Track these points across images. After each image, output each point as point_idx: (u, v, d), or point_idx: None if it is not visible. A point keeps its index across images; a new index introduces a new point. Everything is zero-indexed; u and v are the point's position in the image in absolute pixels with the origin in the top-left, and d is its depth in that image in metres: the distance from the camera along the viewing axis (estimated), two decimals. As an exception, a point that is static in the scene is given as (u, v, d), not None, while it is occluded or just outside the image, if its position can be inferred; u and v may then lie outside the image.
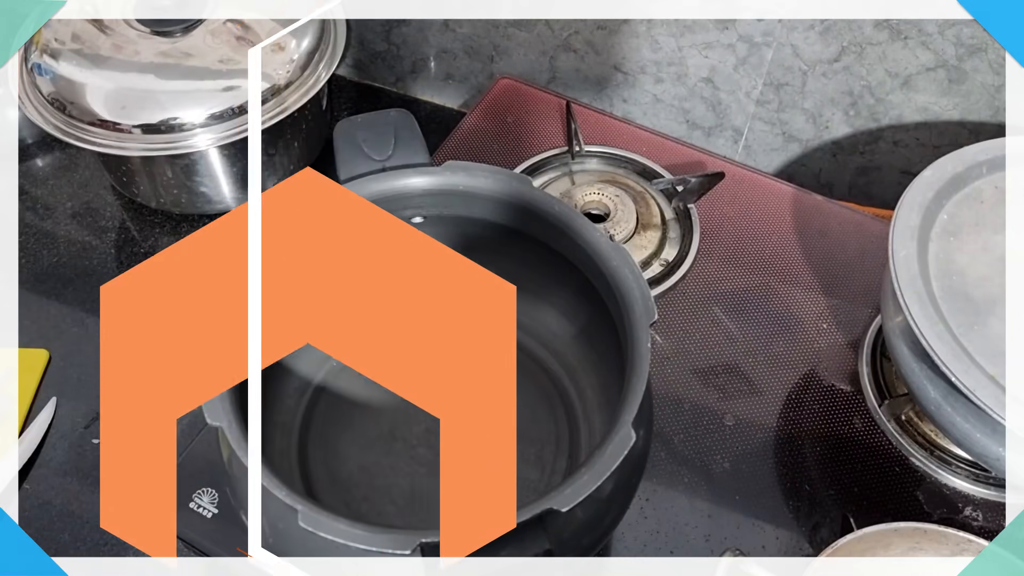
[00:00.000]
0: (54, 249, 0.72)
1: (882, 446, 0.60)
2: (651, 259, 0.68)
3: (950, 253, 0.54)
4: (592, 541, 0.45)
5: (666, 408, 0.61)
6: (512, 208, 0.52)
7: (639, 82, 0.77)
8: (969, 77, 0.66)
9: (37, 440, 0.61)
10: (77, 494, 0.59)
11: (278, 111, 0.67)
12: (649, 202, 0.70)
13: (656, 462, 0.59)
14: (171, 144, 0.65)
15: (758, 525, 0.56)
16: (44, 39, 0.67)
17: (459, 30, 0.80)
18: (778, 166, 0.79)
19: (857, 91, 0.71)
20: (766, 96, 0.74)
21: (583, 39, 0.76)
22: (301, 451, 0.55)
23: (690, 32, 0.71)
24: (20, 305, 0.68)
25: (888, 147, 0.74)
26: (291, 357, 0.57)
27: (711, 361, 0.63)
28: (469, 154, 0.75)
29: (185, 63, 0.66)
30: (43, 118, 0.66)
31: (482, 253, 0.58)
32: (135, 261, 0.72)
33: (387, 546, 0.37)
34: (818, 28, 0.68)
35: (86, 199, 0.76)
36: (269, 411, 0.55)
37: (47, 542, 0.57)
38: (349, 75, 0.88)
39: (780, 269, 0.69)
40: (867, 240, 0.70)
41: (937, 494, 0.58)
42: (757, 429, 0.60)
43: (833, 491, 0.58)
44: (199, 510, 0.54)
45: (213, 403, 0.42)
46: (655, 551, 0.55)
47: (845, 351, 0.64)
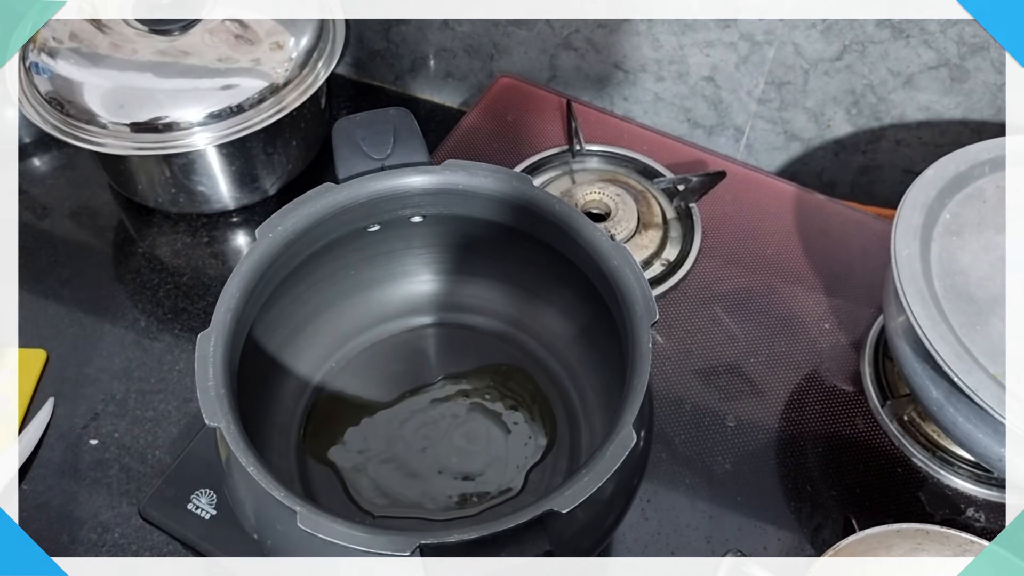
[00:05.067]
0: (52, 249, 0.72)
1: (884, 447, 0.60)
2: (652, 259, 0.68)
3: (952, 252, 0.54)
4: (593, 542, 0.45)
5: (667, 409, 0.61)
6: (512, 207, 0.52)
7: (640, 80, 0.77)
8: (971, 76, 0.66)
9: (35, 440, 0.61)
10: (75, 494, 0.59)
11: (277, 110, 0.67)
12: (650, 201, 0.70)
13: (657, 463, 0.58)
14: (169, 143, 0.64)
15: (760, 526, 0.56)
16: (42, 38, 0.66)
17: (459, 28, 0.79)
18: (780, 165, 0.79)
19: (859, 90, 0.70)
20: (768, 95, 0.74)
21: (584, 37, 0.75)
22: (300, 451, 0.55)
23: (691, 30, 0.71)
24: (18, 305, 0.68)
25: (890, 146, 0.73)
26: (291, 357, 0.57)
27: (712, 361, 0.63)
28: (469, 153, 0.74)
29: (183, 62, 0.65)
30: (41, 117, 0.66)
31: (482, 253, 0.58)
32: (133, 261, 0.72)
33: (386, 548, 0.37)
34: (820, 27, 0.67)
35: (84, 198, 0.76)
36: (268, 411, 0.55)
37: (46, 542, 0.57)
38: (348, 74, 0.88)
39: (782, 269, 0.68)
40: (869, 239, 0.70)
41: (939, 495, 0.58)
42: (759, 430, 0.60)
43: (835, 492, 0.58)
44: (197, 511, 0.53)
45: (211, 404, 0.41)
46: (656, 552, 0.55)
47: (847, 351, 0.64)
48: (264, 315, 0.51)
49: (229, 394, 0.43)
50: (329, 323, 0.59)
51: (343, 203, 0.50)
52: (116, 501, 0.59)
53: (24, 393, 0.63)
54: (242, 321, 0.46)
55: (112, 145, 0.64)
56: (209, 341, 0.44)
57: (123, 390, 0.64)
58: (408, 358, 0.60)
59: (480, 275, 0.60)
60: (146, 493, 0.55)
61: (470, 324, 0.61)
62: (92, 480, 0.59)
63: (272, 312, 0.52)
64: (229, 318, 0.45)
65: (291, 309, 0.55)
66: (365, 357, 0.60)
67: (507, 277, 0.60)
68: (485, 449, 0.55)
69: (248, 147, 0.69)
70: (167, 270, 0.71)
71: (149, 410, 0.63)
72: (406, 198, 0.52)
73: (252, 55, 0.67)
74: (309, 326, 0.58)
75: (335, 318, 0.59)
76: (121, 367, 0.65)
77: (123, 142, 0.64)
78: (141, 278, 0.71)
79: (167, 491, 0.54)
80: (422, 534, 0.38)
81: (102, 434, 0.62)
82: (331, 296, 0.58)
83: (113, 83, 0.64)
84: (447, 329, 0.61)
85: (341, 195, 0.50)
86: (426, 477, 0.54)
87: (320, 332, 0.58)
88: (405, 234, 0.56)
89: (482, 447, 0.55)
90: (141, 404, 0.63)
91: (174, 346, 0.66)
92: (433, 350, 0.61)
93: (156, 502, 0.54)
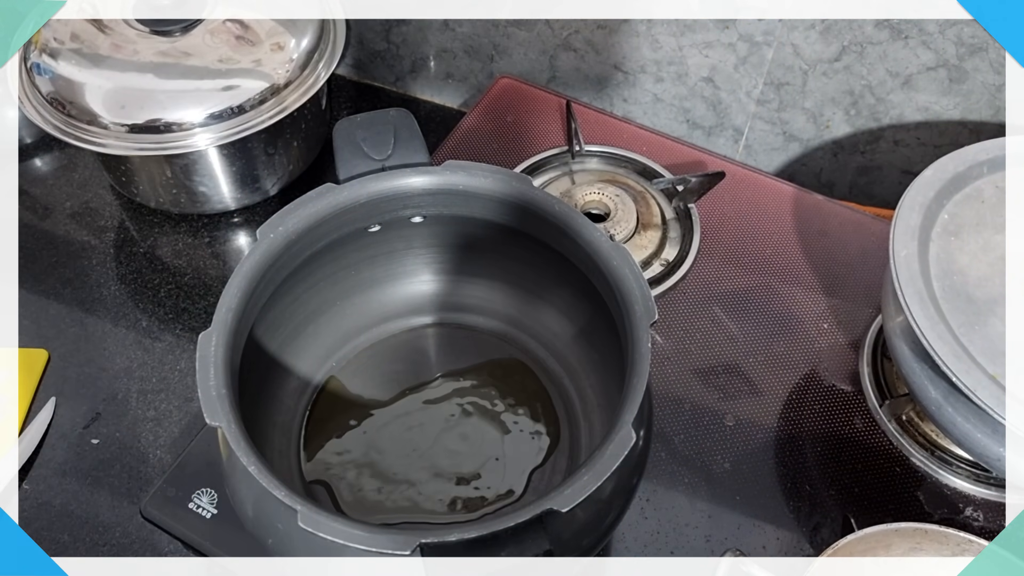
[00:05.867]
0: (53, 249, 0.72)
1: (883, 446, 0.60)
2: (651, 259, 0.68)
3: (951, 253, 0.54)
4: (592, 541, 0.45)
5: (666, 408, 0.61)
6: (512, 208, 0.52)
7: (639, 81, 0.77)
8: (970, 76, 0.66)
9: (36, 440, 0.61)
10: (76, 494, 0.59)
11: (278, 110, 0.67)
12: (649, 202, 0.70)
13: (656, 462, 0.59)
14: (170, 144, 0.65)
15: (759, 525, 0.56)
16: (43, 39, 0.66)
17: (459, 29, 0.79)
18: (779, 166, 0.79)
19: (858, 90, 0.71)
20: (767, 95, 0.74)
21: (583, 38, 0.76)
22: (301, 451, 0.55)
23: (690, 31, 0.71)
24: (19, 305, 0.68)
25: (889, 147, 0.74)
26: (291, 357, 0.57)
27: (711, 361, 0.63)
28: (469, 153, 0.75)
29: (184, 63, 0.65)
30: (42, 118, 0.66)
31: (482, 253, 0.58)
32: (134, 261, 0.72)
33: (387, 547, 0.37)
34: (819, 27, 0.67)
35: (85, 199, 0.76)
36: (269, 411, 0.55)
37: (47, 542, 0.57)
38: (349, 74, 0.88)
39: (781, 269, 0.68)
40: (868, 240, 0.70)
41: (938, 494, 0.58)
42: (758, 429, 0.60)
43: (834, 491, 0.58)
44: (198, 511, 0.54)
45: (212, 403, 0.42)
46: (655, 551, 0.55)
47: (846, 351, 0.64)
48: (265, 315, 0.51)
49: (230, 394, 0.43)
50: (330, 323, 0.59)
51: (344, 203, 0.50)
52: (117, 501, 0.59)
53: (25, 393, 0.63)
54: (243, 321, 0.47)
55: (113, 146, 0.64)
56: (210, 341, 0.44)
57: (124, 390, 0.64)
58: (408, 358, 0.60)
59: (480, 275, 0.60)
60: (147, 493, 0.55)
61: (470, 324, 0.61)
62: (93, 480, 0.60)
63: (273, 312, 0.52)
64: (230, 318, 0.45)
65: (292, 309, 0.55)
66: (366, 357, 0.60)
67: (507, 277, 0.60)
68: (486, 451, 0.55)
69: (249, 148, 0.69)
70: (168, 270, 0.71)
71: (150, 410, 0.63)
72: (406, 198, 0.52)
73: (253, 56, 0.67)
74: (310, 326, 0.58)
75: (336, 318, 0.59)
76: (122, 367, 0.65)
77: (124, 143, 0.64)
78: (142, 278, 0.71)
79: (168, 491, 0.54)
80: (422, 533, 0.38)
81: (103, 434, 0.62)
82: (332, 296, 0.58)
83: (114, 84, 0.64)
84: (447, 329, 0.61)
85: (342, 195, 0.50)
86: (426, 480, 0.54)
87: (321, 332, 0.58)
88: (405, 234, 0.57)
89: (483, 448, 0.55)
90: (142, 404, 0.63)
91: (175, 346, 0.66)
92: (433, 350, 0.61)
93: (157, 502, 0.54)
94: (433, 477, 0.54)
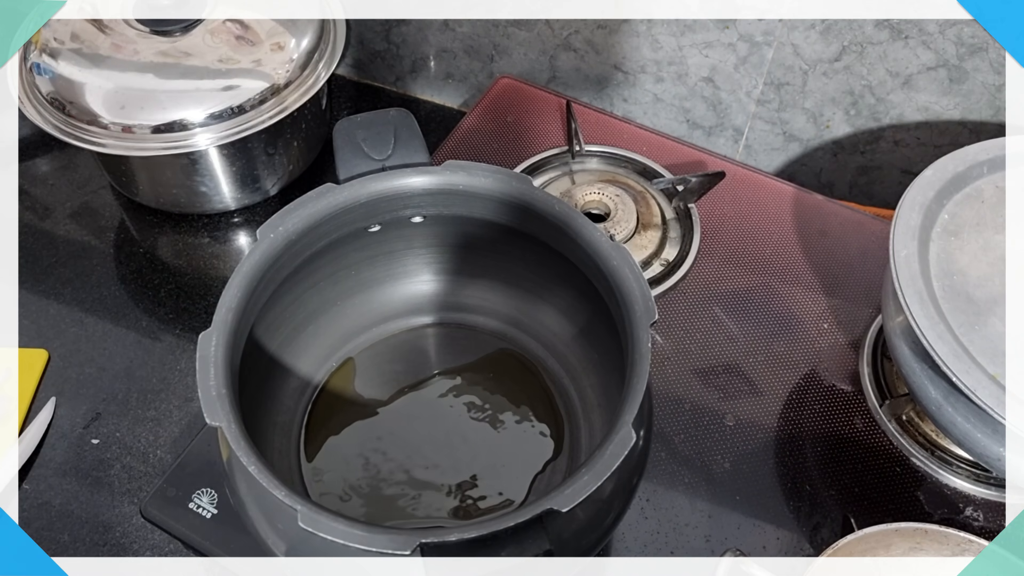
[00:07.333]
0: (53, 249, 0.72)
1: (883, 446, 0.60)
2: (651, 259, 0.68)
3: (951, 253, 0.54)
4: (592, 541, 0.45)
5: (666, 408, 0.61)
6: (512, 208, 0.52)
7: (639, 81, 0.77)
8: (970, 76, 0.66)
9: (36, 440, 0.61)
10: (76, 494, 0.59)
11: (278, 110, 0.67)
12: (649, 202, 0.70)
13: (656, 462, 0.59)
14: (170, 144, 0.65)
15: (759, 525, 0.56)
16: (43, 39, 0.67)
17: (459, 29, 0.79)
18: (779, 166, 0.79)
19: (858, 90, 0.71)
20: (767, 95, 0.74)
21: (583, 38, 0.76)
22: (301, 451, 0.55)
23: (690, 31, 0.71)
24: (19, 305, 0.68)
25: (889, 147, 0.74)
26: (291, 357, 0.57)
27: (711, 361, 0.63)
28: (469, 154, 0.75)
29: (184, 63, 0.65)
30: (42, 118, 0.66)
31: (482, 253, 0.58)
32: (134, 261, 0.72)
33: (387, 547, 0.37)
34: (819, 27, 0.67)
35: (85, 199, 0.76)
36: (269, 411, 0.55)
37: (47, 542, 0.57)
38: (349, 74, 0.88)
39: (781, 269, 0.68)
40: (868, 240, 0.70)
41: (938, 494, 0.58)
42: (758, 429, 0.60)
43: (834, 491, 0.58)
44: (198, 510, 0.54)
45: (213, 403, 0.42)
46: (655, 551, 0.55)
47: (846, 351, 0.64)
48: (265, 315, 0.51)
49: (230, 394, 0.43)
50: (330, 323, 0.59)
51: (344, 203, 0.50)
52: (117, 500, 0.59)
53: (25, 393, 0.63)
54: (243, 321, 0.47)
55: (113, 146, 0.64)
56: (210, 341, 0.44)
57: (124, 390, 0.64)
58: (409, 358, 0.60)
59: (480, 275, 0.60)
60: (147, 492, 0.55)
61: (470, 324, 0.61)
62: (93, 480, 0.60)
63: (273, 312, 0.52)
64: (230, 318, 0.45)
65: (292, 309, 0.55)
66: (366, 357, 0.60)
67: (507, 277, 0.60)
68: (486, 450, 0.55)
69: (249, 148, 0.69)
70: (168, 270, 0.71)
71: (150, 410, 0.63)
72: (406, 198, 0.52)
73: (253, 56, 0.67)
74: (310, 326, 0.58)
75: (336, 318, 0.59)
76: (122, 367, 0.65)
77: (124, 143, 0.64)
78: (142, 278, 0.71)
79: (168, 490, 0.54)
80: (422, 533, 0.38)
81: (103, 434, 0.62)
82: (332, 296, 0.58)
83: (114, 84, 0.65)
84: (447, 329, 0.61)
85: (342, 195, 0.50)
86: (426, 480, 0.54)
87: (321, 332, 0.58)
88: (405, 234, 0.57)
89: (483, 448, 0.55)
90: (142, 404, 0.63)
91: (175, 346, 0.66)
92: (433, 350, 0.61)
93: (157, 501, 0.54)
94: (433, 477, 0.54)
